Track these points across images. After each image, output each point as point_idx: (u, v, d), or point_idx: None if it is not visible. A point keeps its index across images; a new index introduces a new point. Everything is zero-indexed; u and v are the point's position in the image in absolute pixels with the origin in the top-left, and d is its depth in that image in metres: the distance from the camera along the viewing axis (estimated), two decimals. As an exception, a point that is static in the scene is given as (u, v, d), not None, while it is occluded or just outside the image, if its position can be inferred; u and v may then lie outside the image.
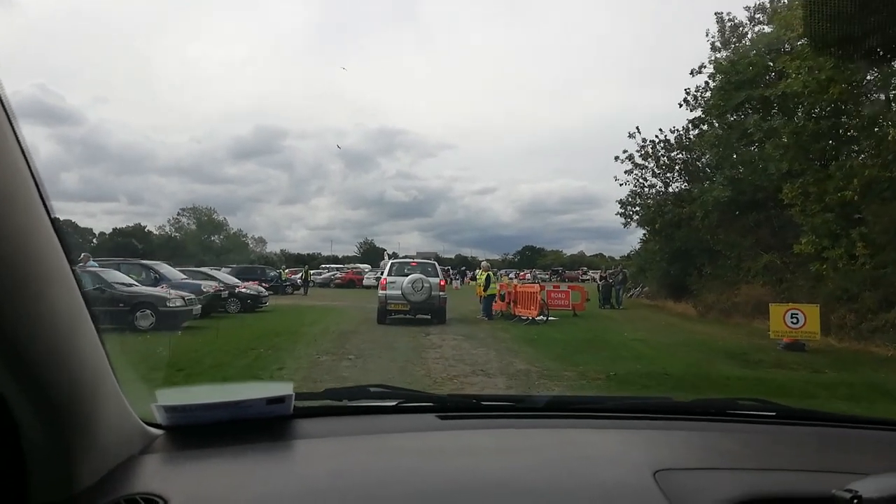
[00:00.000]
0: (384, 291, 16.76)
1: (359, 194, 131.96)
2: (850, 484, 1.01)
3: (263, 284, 25.42)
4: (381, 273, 18.30)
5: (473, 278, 27.35)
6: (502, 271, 47.88)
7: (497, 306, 19.58)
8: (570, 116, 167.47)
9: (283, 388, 1.38)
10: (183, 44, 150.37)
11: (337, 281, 47.96)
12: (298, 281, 38.77)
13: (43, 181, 0.82)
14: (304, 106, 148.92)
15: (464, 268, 46.18)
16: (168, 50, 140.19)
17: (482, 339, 12.92)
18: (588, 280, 73.64)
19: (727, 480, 1.20)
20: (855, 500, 0.98)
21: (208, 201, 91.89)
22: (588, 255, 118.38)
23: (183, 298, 14.64)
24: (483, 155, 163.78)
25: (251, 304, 21.19)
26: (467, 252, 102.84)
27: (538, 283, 26.76)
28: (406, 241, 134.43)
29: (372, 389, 1.71)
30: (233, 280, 22.74)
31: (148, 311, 13.76)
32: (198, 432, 1.29)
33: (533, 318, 16.45)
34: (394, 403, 1.63)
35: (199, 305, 15.54)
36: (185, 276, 19.68)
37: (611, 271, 27.16)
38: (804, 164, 16.97)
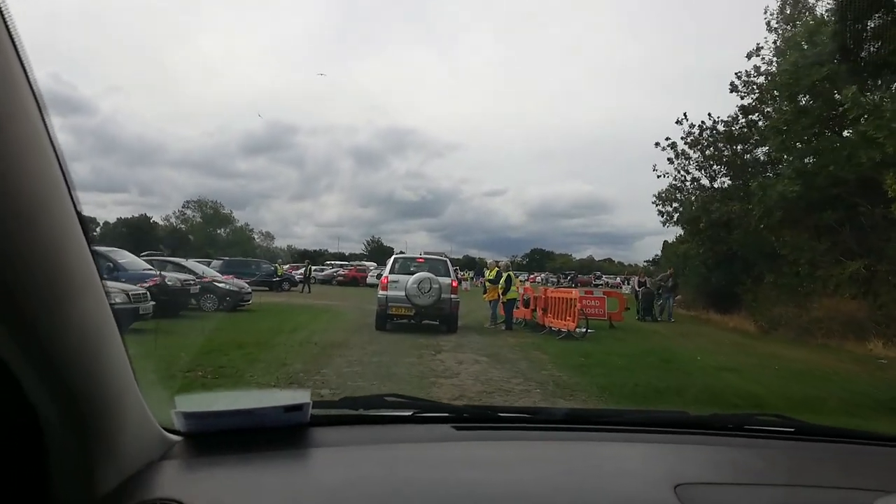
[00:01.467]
0: (384, 292, 13.50)
1: (368, 192, 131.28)
2: (875, 501, 1.02)
3: (245, 279, 21.96)
4: (384, 271, 14.99)
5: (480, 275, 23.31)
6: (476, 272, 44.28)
7: (519, 313, 16.32)
8: (580, 120, 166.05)
9: (301, 396, 1.36)
10: (196, 37, 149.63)
11: (339, 278, 45.01)
12: (297, 277, 35.72)
13: (76, 191, 0.80)
14: (316, 102, 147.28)
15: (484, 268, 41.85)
16: (181, 43, 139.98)
17: (513, 361, 9.60)
18: (601, 285, 70.22)
19: (749, 496, 1.20)
20: None
21: (218, 195, 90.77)
22: (597, 259, 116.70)
23: (127, 294, 11.41)
24: (492, 157, 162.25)
25: (230, 302, 18.00)
26: (475, 253, 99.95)
27: (568, 286, 23.31)
28: (414, 240, 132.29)
29: (388, 399, 1.69)
30: (210, 272, 19.47)
31: (76, 310, 10.56)
32: (216, 439, 1.28)
33: (569, 332, 13.13)
34: (409, 413, 1.61)
35: (151, 303, 12.31)
36: (150, 267, 16.50)
37: (660, 276, 22.58)
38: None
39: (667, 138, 24.57)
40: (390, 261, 14.71)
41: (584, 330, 13.34)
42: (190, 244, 62.77)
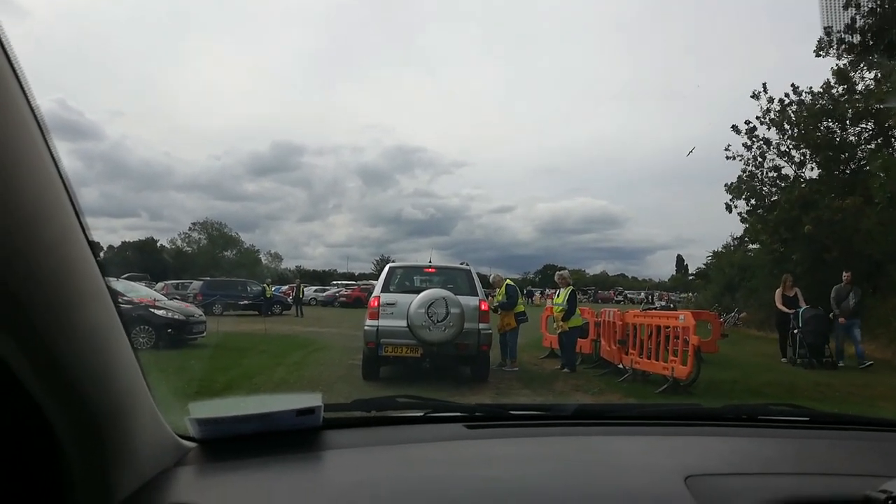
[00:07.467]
0: (374, 322, 8.50)
1: (377, 211, 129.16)
2: (884, 485, 1.00)
3: (191, 306, 17.12)
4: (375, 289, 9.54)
5: (531, 295, 15.47)
6: (527, 291, 39.06)
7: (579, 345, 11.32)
8: (586, 135, 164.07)
9: (313, 400, 1.34)
10: (199, 61, 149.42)
11: (342, 299, 40.36)
12: (290, 299, 31.01)
13: (77, 197, 0.79)
14: (321, 123, 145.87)
15: (530, 287, 35.37)
16: (185, 67, 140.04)
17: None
18: (622, 302, 64.40)
19: (760, 485, 1.17)
20: (890, 501, 0.96)
21: (227, 218, 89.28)
22: (610, 275, 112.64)
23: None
24: (500, 173, 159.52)
25: (173, 335, 13.16)
26: (486, 271, 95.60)
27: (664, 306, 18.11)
28: (424, 259, 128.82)
29: (399, 400, 1.68)
30: (148, 294, 14.57)
31: None
32: (230, 444, 1.27)
33: (677, 380, 8.09)
34: (421, 413, 1.61)
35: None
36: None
37: (835, 288, 12.04)
38: None
39: (746, 121, 19.63)
40: (384, 272, 9.48)
41: (696, 374, 8.31)
42: (196, 266, 60.59)
